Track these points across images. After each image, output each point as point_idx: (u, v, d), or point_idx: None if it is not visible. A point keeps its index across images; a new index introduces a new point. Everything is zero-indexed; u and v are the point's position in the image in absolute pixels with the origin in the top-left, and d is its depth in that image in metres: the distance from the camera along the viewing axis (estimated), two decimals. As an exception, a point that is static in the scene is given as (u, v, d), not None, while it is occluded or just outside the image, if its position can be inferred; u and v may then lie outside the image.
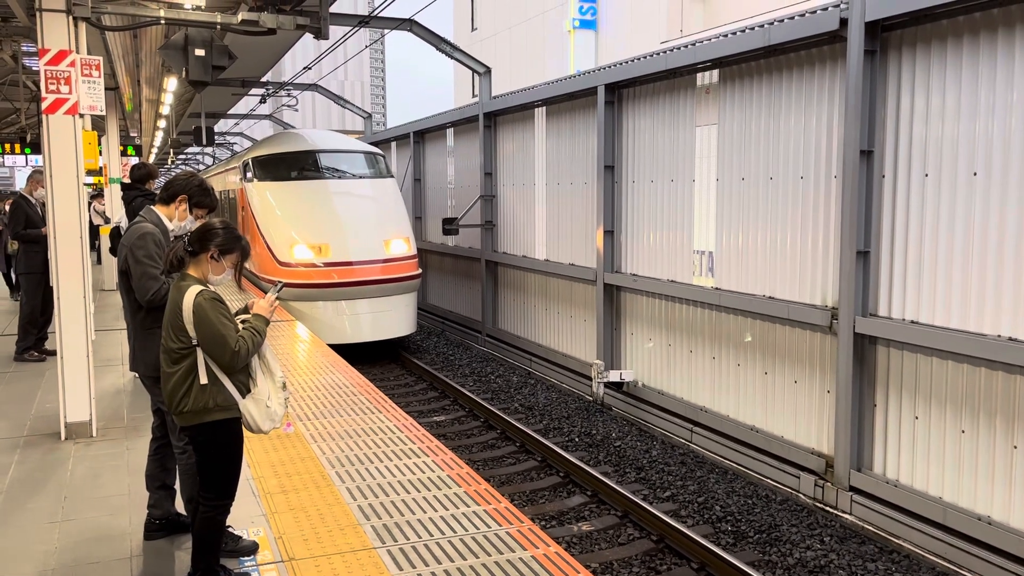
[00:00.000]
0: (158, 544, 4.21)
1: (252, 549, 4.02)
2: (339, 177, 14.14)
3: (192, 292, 3.42)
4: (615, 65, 10.63)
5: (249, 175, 14.39)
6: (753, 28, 8.22)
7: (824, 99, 7.56)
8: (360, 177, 14.37)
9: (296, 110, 24.60)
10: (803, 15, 7.60)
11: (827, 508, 7.30)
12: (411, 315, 13.56)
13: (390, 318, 13.07)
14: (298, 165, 14.15)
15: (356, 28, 12.83)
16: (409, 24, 13.65)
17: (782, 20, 7.83)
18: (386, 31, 14.05)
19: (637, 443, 9.26)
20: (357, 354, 12.51)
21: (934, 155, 6.55)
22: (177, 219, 4.24)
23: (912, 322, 6.74)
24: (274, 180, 13.93)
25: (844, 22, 7.03)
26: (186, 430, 3.58)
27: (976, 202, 6.26)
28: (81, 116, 6.07)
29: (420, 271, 13.79)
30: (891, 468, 7.01)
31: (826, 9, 7.28)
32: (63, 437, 5.95)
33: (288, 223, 13.22)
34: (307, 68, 18.04)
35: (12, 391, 7.37)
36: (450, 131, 16.54)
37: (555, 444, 9.03)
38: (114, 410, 6.66)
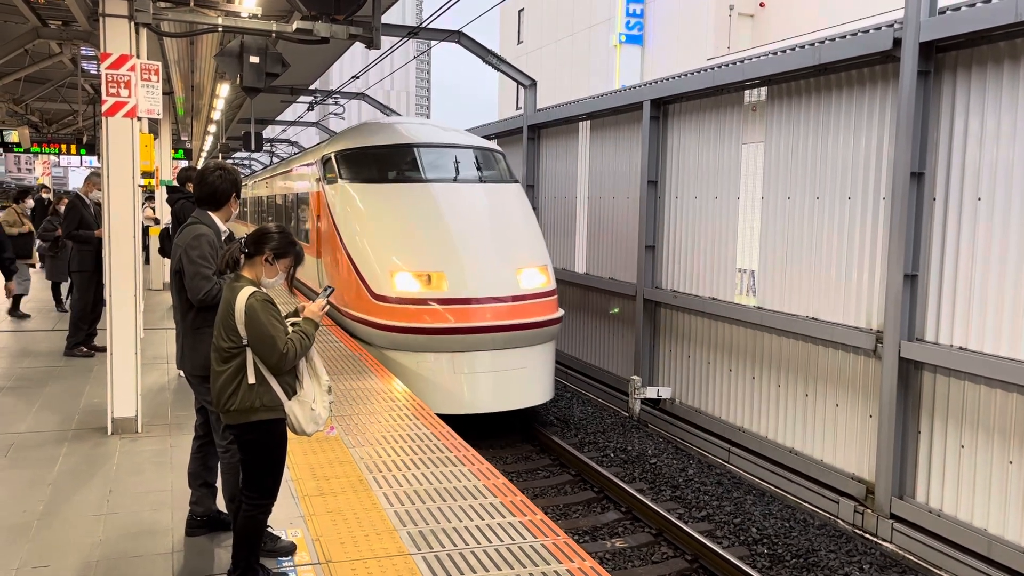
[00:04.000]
0: (199, 541, 4.28)
1: (290, 550, 4.07)
2: (453, 181, 10.47)
3: (245, 293, 3.49)
4: (662, 80, 10.62)
5: (331, 175, 11.00)
6: (803, 46, 8.16)
7: (874, 119, 7.47)
8: (479, 181, 10.75)
9: (343, 118, 24.94)
10: (855, 34, 7.53)
11: (867, 535, 7.17)
12: (548, 375, 9.76)
13: (521, 379, 9.35)
14: (399, 163, 10.64)
15: (405, 39, 12.99)
16: (457, 36, 13.78)
17: (833, 39, 7.76)
18: (434, 43, 14.11)
19: (673, 461, 9.18)
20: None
21: (988, 179, 6.43)
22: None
23: (960, 348, 6.61)
24: (366, 182, 10.46)
25: (898, 42, 6.95)
26: (232, 429, 3.64)
27: (1030, 228, 6.12)
28: (139, 119, 6.22)
29: (562, 313, 9.97)
30: (934, 497, 6.86)
31: (879, 29, 7.21)
32: (109, 432, 6.07)
33: (386, 241, 9.65)
34: (355, 77, 18.32)
35: (61, 386, 7.55)
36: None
37: (590, 459, 8.99)
38: (159, 407, 6.79)
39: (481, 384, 9.12)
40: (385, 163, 10.67)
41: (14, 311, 11.09)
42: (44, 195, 18.89)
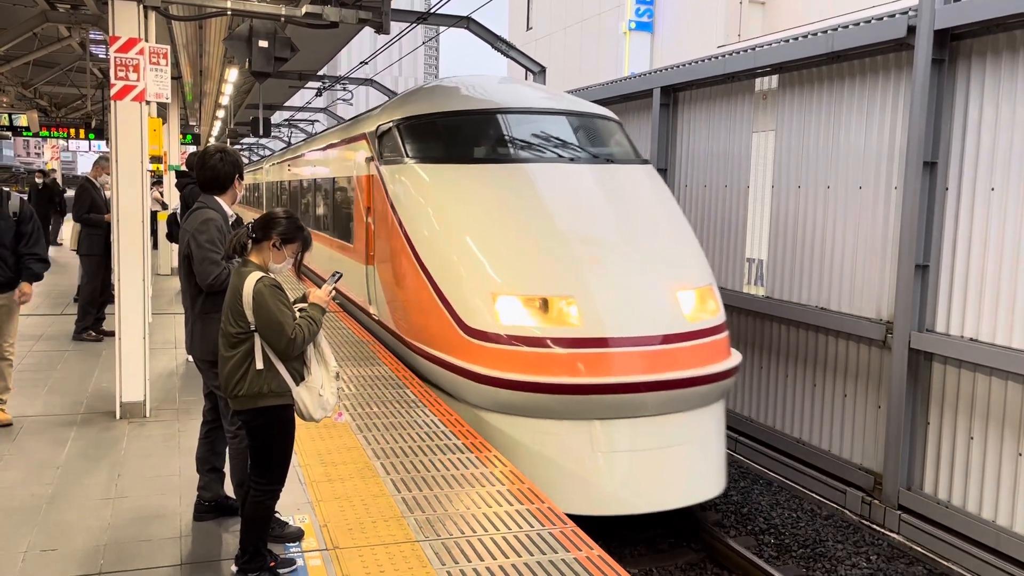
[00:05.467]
0: (207, 526, 4.29)
1: (298, 535, 4.07)
2: (571, 160, 7.53)
3: (253, 278, 3.48)
4: (672, 67, 10.54)
5: (391, 152, 8.02)
6: (816, 34, 8.08)
7: (887, 108, 7.40)
8: (605, 160, 7.78)
9: (351, 104, 24.86)
10: (868, 21, 7.45)
11: (874, 526, 7.15)
12: (719, 452, 6.56)
13: (686, 460, 6.28)
14: (493, 136, 7.71)
15: (414, 24, 12.93)
16: (466, 22, 13.70)
17: (846, 26, 7.68)
18: (442, 28, 14.03)
19: (680, 450, 9.16)
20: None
21: (1002, 168, 6.37)
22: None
23: (971, 339, 6.56)
24: (447, 162, 7.51)
25: (912, 30, 6.88)
26: (240, 414, 3.64)
27: (1045, 219, 6.07)
28: (148, 103, 6.21)
29: (739, 358, 6.77)
30: (942, 488, 6.84)
31: (893, 16, 7.13)
32: (118, 416, 6.09)
33: (482, 249, 6.72)
34: (363, 63, 18.25)
35: (70, 369, 7.57)
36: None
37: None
38: (167, 392, 6.80)
39: (629, 469, 6.04)
40: (473, 135, 7.73)
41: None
42: (39, 179, 18.88)
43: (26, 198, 12.93)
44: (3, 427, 5.77)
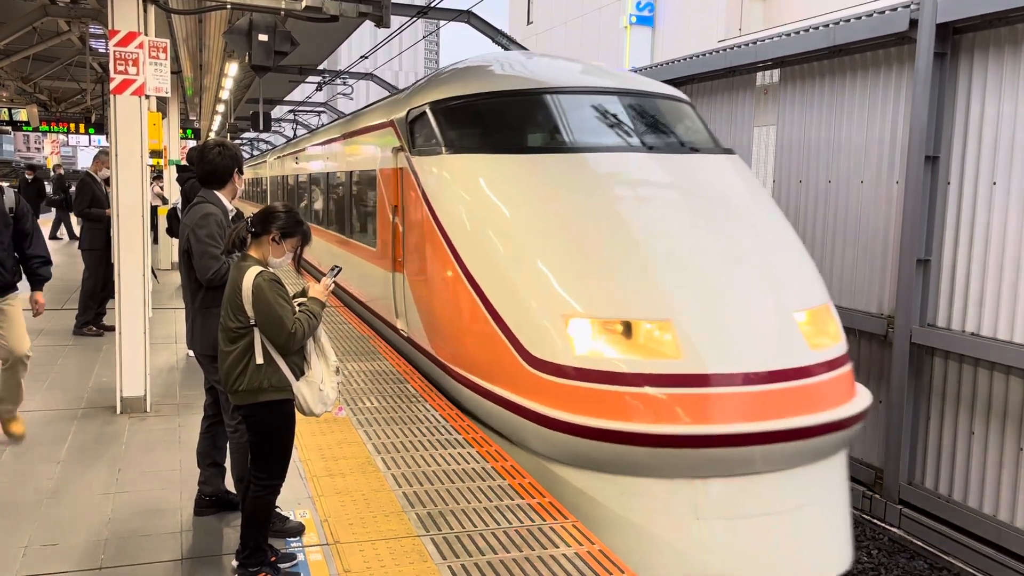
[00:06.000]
0: (207, 520, 4.28)
1: (298, 530, 4.07)
2: (648, 149, 6.30)
3: (252, 272, 3.47)
4: (672, 62, 10.52)
5: (426, 141, 6.91)
6: (817, 28, 8.06)
7: (889, 102, 7.38)
8: (687, 149, 6.51)
9: (351, 99, 24.85)
10: (870, 15, 7.43)
11: (875, 520, 7.15)
12: (845, 514, 5.29)
13: (805, 524, 4.99)
14: (548, 120, 6.49)
15: (414, 18, 12.89)
16: (467, 16, 13.67)
17: (848, 20, 7.66)
18: (442, 22, 14.00)
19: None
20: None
21: (1004, 163, 6.35)
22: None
23: (972, 334, 6.55)
24: (497, 151, 6.29)
25: (914, 23, 6.86)
26: (240, 409, 3.63)
27: (1047, 213, 6.05)
28: (147, 97, 6.19)
29: (870, 398, 5.47)
30: (943, 483, 6.84)
31: (895, 10, 7.11)
32: (118, 411, 6.08)
33: (548, 261, 5.54)
34: (363, 57, 18.22)
35: (71, 364, 7.57)
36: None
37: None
38: (167, 387, 6.79)
39: (740, 538, 4.77)
40: (530, 120, 6.52)
41: None
42: (28, 176, 18.85)
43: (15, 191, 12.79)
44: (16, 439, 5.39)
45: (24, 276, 5.34)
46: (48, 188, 20.48)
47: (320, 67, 20.11)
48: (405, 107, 7.42)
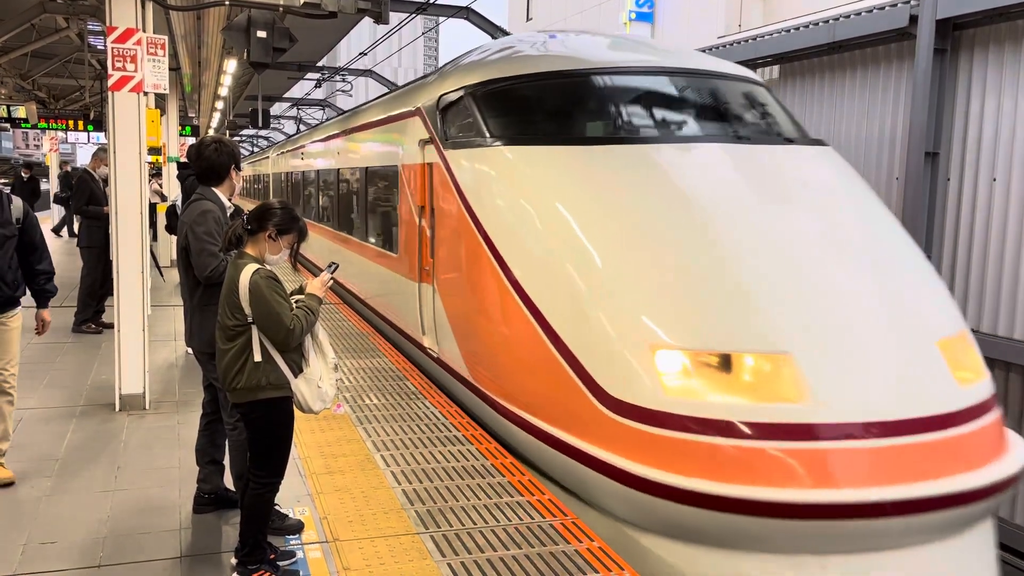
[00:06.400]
0: (207, 518, 4.28)
1: (298, 528, 4.06)
2: (736, 139, 5.37)
3: (249, 270, 3.46)
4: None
5: (458, 131, 6.07)
6: (817, 24, 8.04)
7: (889, 98, 7.37)
8: (781, 140, 5.56)
9: (350, 95, 24.81)
10: (870, 11, 7.41)
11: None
12: None
13: None
14: (616, 105, 5.57)
15: (414, 14, 12.87)
16: (466, 12, 13.64)
17: (848, 16, 7.64)
18: (442, 19, 13.96)
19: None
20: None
21: (1004, 159, 6.34)
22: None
23: (973, 331, 6.55)
24: (550, 143, 5.33)
25: (914, 19, 6.85)
26: (238, 407, 3.62)
27: (1047, 209, 6.04)
28: (145, 94, 6.18)
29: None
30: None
31: (895, 6, 7.09)
32: (117, 408, 6.08)
33: (628, 277, 4.54)
34: (362, 54, 18.19)
35: (69, 362, 7.56)
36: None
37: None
38: (167, 384, 6.79)
39: None
40: (590, 105, 5.56)
41: None
42: (25, 174, 18.82)
43: (9, 190, 12.77)
44: (5, 486, 4.65)
45: (29, 292, 4.91)
46: (44, 186, 20.43)
47: (319, 64, 20.09)
48: (435, 92, 6.51)
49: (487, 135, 5.61)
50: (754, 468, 3.81)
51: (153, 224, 15.31)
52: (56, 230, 19.28)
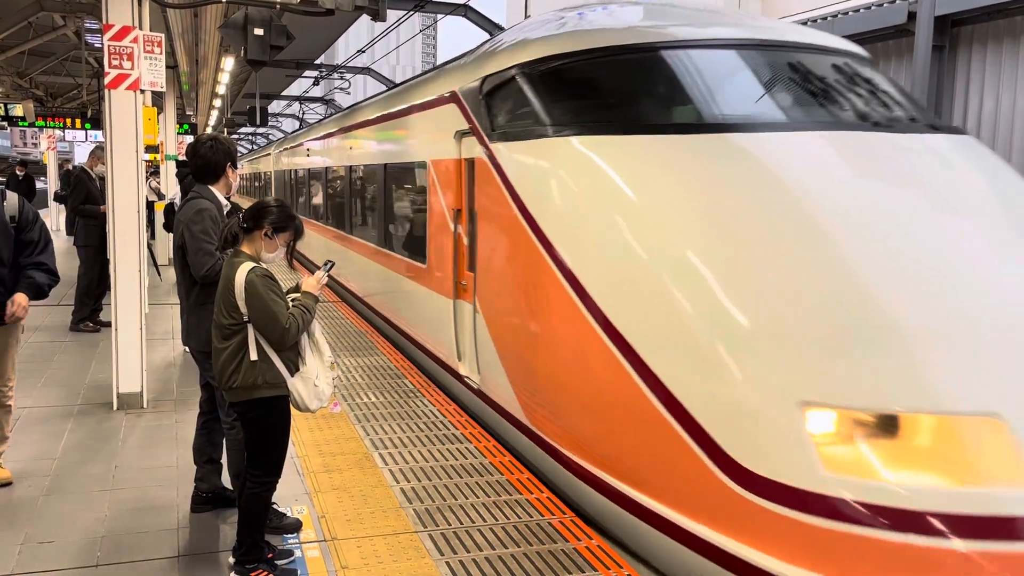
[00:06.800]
0: (204, 517, 4.27)
1: (296, 527, 4.06)
2: (874, 126, 4.27)
3: (244, 268, 3.45)
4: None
5: (508, 119, 5.15)
6: (815, 20, 8.03)
7: (888, 95, 7.37)
8: (921, 126, 4.48)
9: (348, 93, 24.77)
10: (868, 8, 7.40)
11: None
12: None
13: None
14: (714, 85, 4.39)
15: (411, 12, 12.85)
16: (464, 10, 13.62)
17: (846, 13, 7.63)
18: (440, 16, 13.95)
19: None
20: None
21: (1002, 154, 6.33)
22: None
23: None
24: (637, 132, 4.22)
25: (912, 16, 6.83)
26: (235, 406, 3.61)
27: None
28: (142, 92, 6.16)
29: None
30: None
31: (893, 2, 7.08)
32: (115, 407, 6.07)
33: (757, 311, 3.39)
34: (360, 51, 18.18)
35: (67, 361, 7.55)
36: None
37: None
38: (164, 383, 6.78)
39: None
40: (683, 86, 4.40)
41: None
42: (20, 172, 18.78)
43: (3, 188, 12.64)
44: (3, 486, 4.59)
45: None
46: (39, 184, 20.33)
47: (317, 61, 20.06)
48: (476, 73, 5.54)
49: (550, 123, 4.61)
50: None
51: (151, 222, 15.29)
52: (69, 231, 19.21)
